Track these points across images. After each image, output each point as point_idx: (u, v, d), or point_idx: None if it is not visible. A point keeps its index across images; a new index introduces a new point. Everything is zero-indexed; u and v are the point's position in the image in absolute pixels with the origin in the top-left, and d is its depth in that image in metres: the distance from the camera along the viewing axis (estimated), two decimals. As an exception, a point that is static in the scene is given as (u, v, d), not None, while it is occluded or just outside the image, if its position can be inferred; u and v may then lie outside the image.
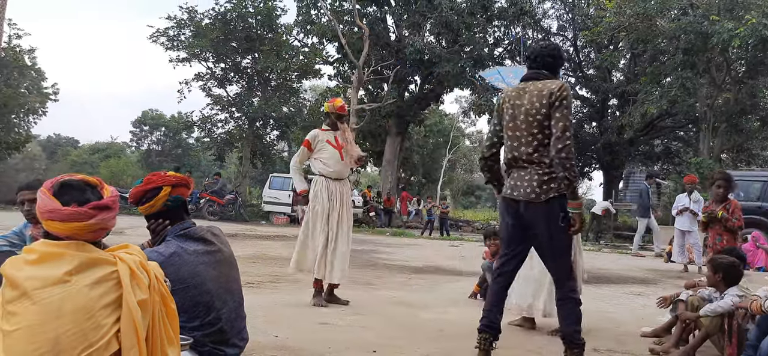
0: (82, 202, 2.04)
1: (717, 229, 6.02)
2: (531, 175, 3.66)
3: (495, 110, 3.98)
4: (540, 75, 3.78)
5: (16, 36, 27.80)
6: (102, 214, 2.05)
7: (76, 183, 2.11)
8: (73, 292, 1.90)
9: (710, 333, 4.33)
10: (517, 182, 3.72)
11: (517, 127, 3.73)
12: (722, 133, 21.18)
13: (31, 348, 1.82)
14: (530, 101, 3.68)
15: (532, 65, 3.86)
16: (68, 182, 2.11)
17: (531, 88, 3.72)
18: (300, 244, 6.07)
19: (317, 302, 5.93)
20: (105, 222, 2.07)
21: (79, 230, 2.01)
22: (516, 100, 3.76)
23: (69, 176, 2.16)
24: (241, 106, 27.82)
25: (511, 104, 3.79)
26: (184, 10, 26.58)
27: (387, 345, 4.42)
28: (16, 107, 27.24)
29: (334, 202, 6.01)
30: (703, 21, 17.96)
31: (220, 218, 21.96)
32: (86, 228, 2.01)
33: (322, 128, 6.31)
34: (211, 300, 2.81)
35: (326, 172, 6.07)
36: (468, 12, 25.52)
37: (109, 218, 2.08)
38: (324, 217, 5.95)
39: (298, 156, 6.28)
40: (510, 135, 3.78)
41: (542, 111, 3.63)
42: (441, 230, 21.69)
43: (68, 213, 1.99)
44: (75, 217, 1.99)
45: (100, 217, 2.04)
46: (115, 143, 51.97)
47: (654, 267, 12.14)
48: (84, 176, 2.18)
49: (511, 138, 3.77)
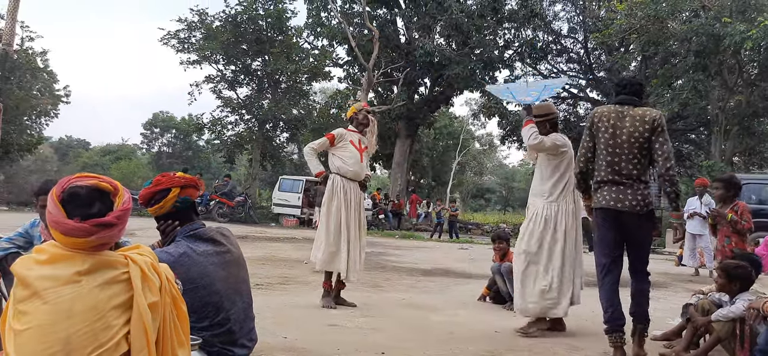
0: (86, 216, 1.99)
1: (724, 231, 6.00)
2: (634, 190, 4.18)
3: (588, 127, 4.41)
4: (634, 101, 4.29)
5: (28, 38, 28.08)
6: (103, 232, 2.00)
7: (86, 193, 2.06)
8: (83, 292, 1.90)
9: (722, 338, 4.29)
10: (621, 195, 4.20)
11: (619, 146, 4.20)
12: (734, 136, 21.03)
13: (41, 348, 1.83)
14: (633, 125, 4.17)
15: (623, 92, 4.37)
16: (77, 191, 2.05)
17: (631, 113, 4.22)
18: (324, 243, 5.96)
19: (326, 303, 5.93)
20: (106, 239, 2.01)
21: (79, 246, 1.98)
22: (616, 121, 4.23)
23: (82, 179, 2.10)
24: (251, 108, 27.90)
25: (610, 125, 4.24)
26: (194, 13, 26.72)
27: (396, 348, 4.41)
28: (28, 109, 27.45)
29: (350, 201, 6.04)
30: (715, 23, 17.85)
31: (230, 219, 22.02)
32: (86, 244, 1.97)
33: (349, 128, 6.32)
34: (221, 301, 2.82)
35: (344, 170, 6.08)
36: (478, 14, 25.49)
37: (111, 235, 2.03)
38: (341, 215, 5.96)
39: (316, 143, 6.22)
40: (610, 152, 4.23)
41: (645, 135, 4.15)
42: (450, 232, 21.65)
43: (70, 228, 1.97)
44: (75, 232, 1.96)
45: (101, 235, 1.99)
46: (126, 145, 52.34)
47: (665, 271, 12.06)
48: (98, 180, 2.11)
49: (612, 155, 4.22)
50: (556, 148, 5.23)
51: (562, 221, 5.15)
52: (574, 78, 33.03)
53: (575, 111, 32.78)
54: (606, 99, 29.75)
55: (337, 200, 6.00)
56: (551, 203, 5.21)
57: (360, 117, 6.29)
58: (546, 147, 5.22)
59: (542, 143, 5.17)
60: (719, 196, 6.11)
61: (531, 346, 4.73)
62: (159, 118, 48.11)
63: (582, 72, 32.07)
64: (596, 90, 30.93)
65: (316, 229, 6.91)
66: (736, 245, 5.80)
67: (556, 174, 5.25)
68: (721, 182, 6.10)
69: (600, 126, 4.29)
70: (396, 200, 26.72)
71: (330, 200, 6.04)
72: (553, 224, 5.15)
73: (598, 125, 4.30)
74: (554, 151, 5.24)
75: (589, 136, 4.36)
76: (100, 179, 2.13)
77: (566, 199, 5.22)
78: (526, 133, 5.23)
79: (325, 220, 6.04)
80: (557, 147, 5.24)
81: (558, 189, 5.23)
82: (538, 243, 5.15)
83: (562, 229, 5.14)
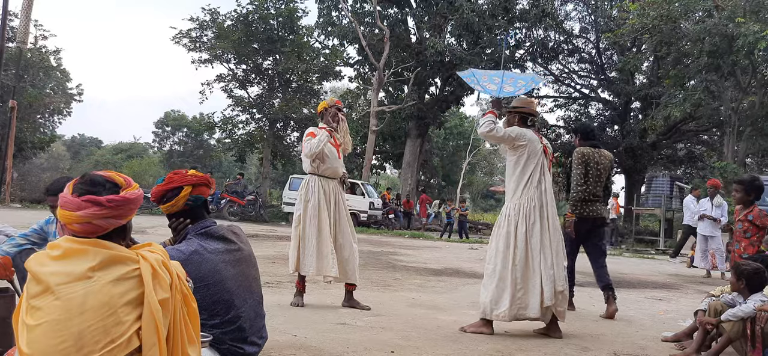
0: (83, 193, 2.02)
1: (739, 235, 5.86)
2: (600, 205, 6.40)
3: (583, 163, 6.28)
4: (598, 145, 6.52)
5: (42, 37, 28.28)
6: (93, 209, 2.00)
7: (98, 178, 2.09)
8: (95, 288, 1.91)
9: (732, 339, 4.27)
10: (593, 208, 6.31)
11: (598, 176, 6.31)
12: (747, 137, 20.86)
13: (54, 343, 1.85)
14: (604, 164, 6.37)
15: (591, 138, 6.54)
16: (91, 175, 2.10)
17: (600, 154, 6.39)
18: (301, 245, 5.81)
19: (297, 302, 5.78)
20: (94, 218, 2.00)
21: (68, 220, 1.99)
22: (598, 158, 6.32)
23: (101, 172, 2.15)
24: (261, 107, 27.99)
25: (594, 161, 6.29)
26: (206, 12, 26.84)
27: (405, 346, 4.42)
28: (41, 108, 27.68)
29: (330, 200, 5.90)
30: (728, 23, 17.71)
31: (241, 218, 22.12)
32: (74, 219, 1.98)
33: (320, 126, 6.15)
34: (231, 298, 2.83)
35: (322, 169, 5.92)
36: (489, 14, 25.44)
37: (99, 215, 2.01)
38: (319, 215, 5.79)
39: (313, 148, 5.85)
40: (592, 181, 6.28)
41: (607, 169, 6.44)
42: (460, 232, 21.61)
43: (65, 201, 1.99)
44: (67, 205, 1.99)
45: (89, 211, 1.99)
46: (137, 144, 52.62)
47: (676, 272, 11.99)
48: (111, 173, 2.14)
49: (593, 184, 6.29)
50: (511, 141, 5.14)
51: (523, 219, 5.01)
52: (586, 78, 32.89)
53: (587, 111, 32.67)
54: (617, 99, 29.60)
55: (315, 199, 5.82)
56: (514, 201, 5.12)
57: (330, 114, 6.16)
58: (497, 137, 5.14)
59: (493, 132, 5.08)
60: (739, 199, 5.77)
61: (540, 346, 4.72)
62: (170, 116, 48.32)
63: (593, 72, 31.93)
64: (608, 90, 30.79)
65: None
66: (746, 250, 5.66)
67: (516, 170, 5.15)
68: (742, 185, 5.76)
69: (590, 162, 6.27)
70: (406, 199, 26.71)
71: (306, 201, 5.85)
72: (515, 223, 5.03)
73: (589, 160, 6.26)
74: (509, 144, 5.17)
75: (584, 166, 6.25)
76: (117, 174, 2.16)
77: (528, 195, 5.06)
78: (482, 120, 5.19)
79: (303, 223, 5.80)
80: (512, 140, 5.14)
81: (520, 186, 5.10)
82: (504, 243, 5.04)
83: (523, 228, 5.00)
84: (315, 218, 5.80)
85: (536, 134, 5.28)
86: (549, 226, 5.07)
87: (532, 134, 5.22)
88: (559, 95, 33.53)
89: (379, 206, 23.74)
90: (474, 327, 5.07)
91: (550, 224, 5.08)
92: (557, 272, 5.01)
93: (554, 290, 4.97)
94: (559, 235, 5.17)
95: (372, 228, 21.98)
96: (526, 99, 5.41)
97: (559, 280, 5.00)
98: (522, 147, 5.13)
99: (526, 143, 5.13)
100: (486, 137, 5.24)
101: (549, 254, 5.01)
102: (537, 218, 5.03)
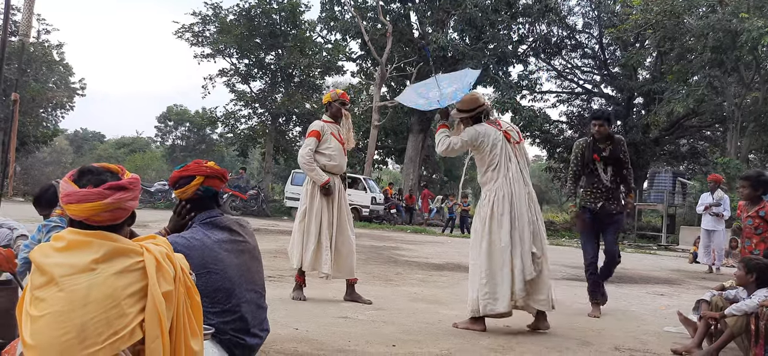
0: (98, 184, 2.02)
1: (747, 232, 5.81)
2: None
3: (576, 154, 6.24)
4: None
5: (45, 31, 28.31)
6: (118, 194, 2.02)
7: (96, 169, 2.11)
8: (99, 280, 1.92)
9: (735, 334, 4.26)
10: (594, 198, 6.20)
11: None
12: (750, 133, 20.82)
13: (57, 334, 1.85)
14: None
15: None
16: (88, 167, 2.12)
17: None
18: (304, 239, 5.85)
19: (298, 296, 5.84)
20: (121, 202, 2.03)
21: (95, 211, 1.99)
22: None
23: (90, 165, 2.16)
24: (264, 102, 28.00)
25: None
26: (208, 6, 26.83)
27: (407, 340, 4.43)
28: (44, 102, 27.74)
29: (334, 197, 5.92)
30: (732, 19, 17.67)
31: (243, 212, 22.14)
32: (102, 208, 1.99)
33: (325, 119, 6.14)
34: (232, 287, 2.85)
35: (330, 165, 5.93)
36: (492, 9, 25.40)
37: (125, 198, 2.04)
38: (322, 211, 5.82)
39: (309, 147, 5.92)
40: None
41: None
42: (461, 227, 21.62)
43: (83, 194, 2.00)
44: (90, 197, 1.99)
45: (116, 196, 2.01)
46: (140, 138, 52.68)
47: (678, 268, 11.99)
48: (106, 164, 2.17)
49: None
50: (470, 145, 5.12)
51: (491, 212, 4.96)
52: (588, 73, 32.84)
53: (589, 106, 32.62)
54: (620, 95, 29.56)
55: (320, 195, 5.82)
56: (483, 194, 5.11)
57: (334, 109, 6.13)
58: (455, 150, 5.15)
59: (450, 147, 5.11)
60: (746, 195, 5.61)
61: (541, 341, 4.72)
62: (173, 111, 48.36)
63: (596, 68, 31.87)
64: (610, 86, 30.74)
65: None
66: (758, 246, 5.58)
67: (483, 166, 5.13)
68: (748, 180, 5.60)
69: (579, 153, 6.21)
70: (409, 194, 26.71)
71: (312, 196, 5.87)
72: (484, 217, 4.99)
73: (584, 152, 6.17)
74: (470, 148, 5.15)
75: (578, 160, 6.21)
76: (107, 164, 2.18)
77: (495, 186, 5.00)
78: (437, 140, 5.18)
79: (306, 218, 5.85)
80: (470, 144, 5.11)
81: (489, 180, 5.07)
82: (478, 238, 5.02)
83: (490, 220, 4.95)
84: (319, 214, 5.83)
85: (492, 125, 5.20)
86: (519, 214, 4.96)
87: (488, 128, 5.13)
88: (562, 91, 33.46)
89: (381, 201, 23.75)
90: (465, 323, 5.07)
91: (519, 213, 4.96)
92: (526, 262, 4.89)
93: (524, 282, 4.89)
94: (536, 222, 5.07)
95: (374, 223, 22.00)
96: (470, 97, 5.21)
97: (528, 270, 4.89)
98: (482, 144, 5.09)
99: (484, 138, 5.07)
100: (446, 155, 5.26)
101: (518, 245, 4.90)
102: (506, 210, 4.94)
